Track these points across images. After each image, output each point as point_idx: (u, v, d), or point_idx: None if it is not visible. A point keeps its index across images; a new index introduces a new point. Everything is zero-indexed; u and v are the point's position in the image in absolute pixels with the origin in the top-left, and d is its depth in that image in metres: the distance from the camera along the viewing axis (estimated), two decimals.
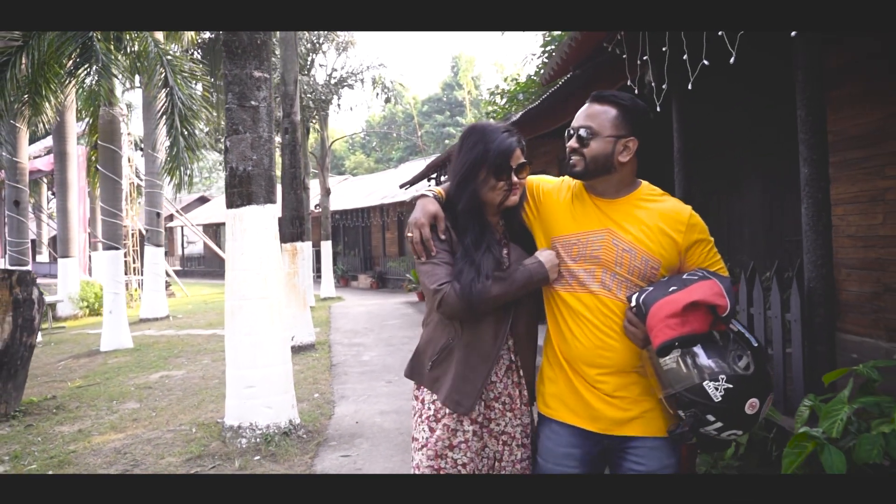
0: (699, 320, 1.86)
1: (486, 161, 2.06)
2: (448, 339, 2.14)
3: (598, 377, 2.04)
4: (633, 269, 2.02)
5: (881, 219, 5.35)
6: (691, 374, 1.84)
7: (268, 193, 5.27)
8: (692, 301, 1.85)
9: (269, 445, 5.04)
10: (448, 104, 47.66)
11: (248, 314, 5.18)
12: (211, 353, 10.11)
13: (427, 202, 2.15)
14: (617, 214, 2.07)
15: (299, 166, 10.56)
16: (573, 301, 2.08)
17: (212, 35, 19.43)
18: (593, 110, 2.07)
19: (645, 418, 2.03)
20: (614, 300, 2.04)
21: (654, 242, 2.03)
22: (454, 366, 2.12)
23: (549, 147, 11.98)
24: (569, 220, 2.12)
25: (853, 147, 5.61)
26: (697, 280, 1.94)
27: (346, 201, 26.73)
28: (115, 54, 10.42)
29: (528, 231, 2.24)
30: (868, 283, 5.55)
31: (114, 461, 5.01)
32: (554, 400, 2.14)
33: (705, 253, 2.10)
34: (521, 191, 2.13)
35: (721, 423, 1.85)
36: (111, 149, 11.41)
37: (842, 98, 5.71)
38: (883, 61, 5.26)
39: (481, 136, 2.10)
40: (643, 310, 1.92)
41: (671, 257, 2.05)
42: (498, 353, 2.13)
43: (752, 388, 1.84)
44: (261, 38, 5.14)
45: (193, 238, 37.05)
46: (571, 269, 2.09)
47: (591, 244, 2.06)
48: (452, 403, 2.10)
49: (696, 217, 2.09)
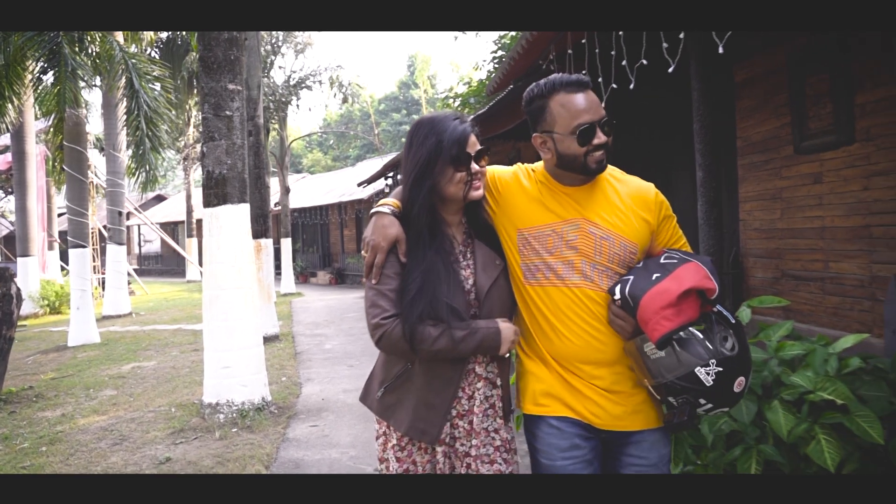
0: (692, 307, 1.83)
1: (441, 153, 1.91)
2: (406, 364, 2.01)
3: (593, 371, 1.97)
4: (613, 257, 1.96)
5: (779, 214, 6.16)
6: (684, 361, 1.81)
7: (241, 194, 5.85)
8: (686, 289, 1.81)
9: (245, 419, 5.63)
10: (405, 103, 48.22)
11: (225, 302, 5.76)
12: (178, 345, 10.55)
13: (386, 223, 1.97)
14: (588, 202, 1.99)
15: (263, 167, 11.10)
16: (555, 296, 1.98)
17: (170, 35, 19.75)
18: (595, 97, 1.96)
19: (640, 411, 1.99)
20: (598, 291, 1.96)
21: (630, 226, 1.97)
22: (415, 392, 1.99)
23: (500, 147, 12.71)
24: (540, 212, 2.01)
25: (757, 151, 6.42)
26: (678, 263, 1.90)
27: (304, 199, 27.16)
28: (80, 57, 10.78)
29: (493, 226, 2.11)
30: (769, 269, 6.37)
31: (102, 437, 5.53)
32: (546, 397, 2.02)
33: (672, 230, 2.08)
34: (483, 181, 2.00)
35: (711, 405, 1.84)
36: (77, 149, 11.76)
37: (747, 108, 6.52)
38: (779, 76, 6.06)
39: (431, 128, 1.95)
40: (630, 302, 1.87)
41: (645, 239, 2.01)
42: (461, 374, 1.99)
43: (738, 367, 1.83)
44: (234, 55, 5.72)
45: (150, 237, 36.93)
46: (548, 263, 1.98)
47: (567, 234, 1.97)
48: (417, 433, 1.97)
49: (660, 193, 2.07)
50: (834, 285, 5.48)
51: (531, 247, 2.00)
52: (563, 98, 1.93)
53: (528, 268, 2.01)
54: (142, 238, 38.49)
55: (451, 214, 2.05)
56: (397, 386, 2.02)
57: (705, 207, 4.38)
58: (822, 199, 5.56)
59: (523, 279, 2.02)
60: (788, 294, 6.09)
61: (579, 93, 1.92)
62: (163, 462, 4.76)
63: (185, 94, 21.75)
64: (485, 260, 2.03)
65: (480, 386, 2.02)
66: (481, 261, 2.03)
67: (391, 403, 2.03)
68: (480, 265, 2.02)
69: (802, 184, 5.78)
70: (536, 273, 2.00)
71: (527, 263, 2.02)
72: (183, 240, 29.89)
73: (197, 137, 25.01)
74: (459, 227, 2.09)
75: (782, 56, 5.92)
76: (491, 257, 2.05)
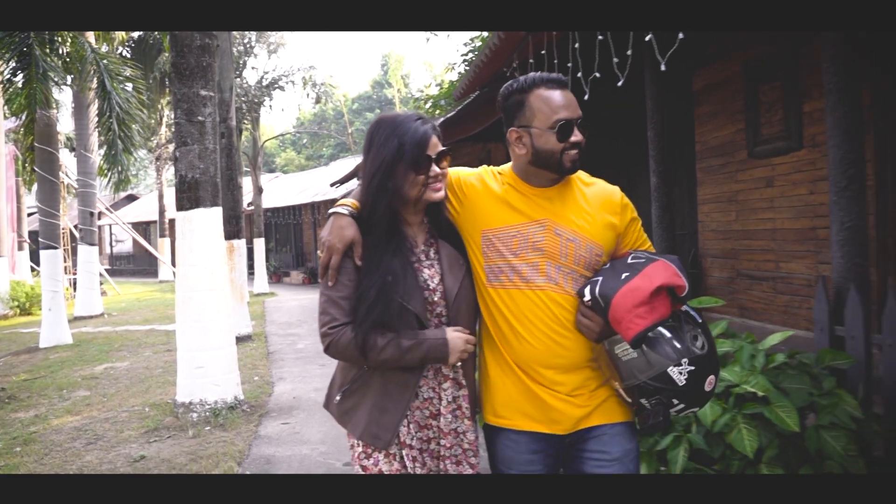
0: (664, 305, 1.82)
1: (402, 156, 1.88)
2: (362, 368, 1.98)
3: (555, 377, 1.95)
4: (579, 259, 1.95)
5: (734, 216, 6.43)
6: (655, 362, 1.80)
7: (213, 197, 5.98)
8: (657, 286, 1.80)
9: (218, 418, 5.76)
10: (378, 102, 48.29)
11: (197, 304, 5.88)
12: (151, 346, 10.61)
13: (343, 224, 1.94)
14: (554, 203, 1.98)
15: (235, 168, 11.20)
16: (518, 299, 1.96)
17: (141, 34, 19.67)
18: (573, 98, 1.96)
19: (603, 407, 1.97)
20: (563, 294, 1.95)
21: (596, 228, 1.97)
22: (370, 396, 1.96)
23: (470, 149, 12.93)
24: (506, 212, 1.99)
25: (714, 156, 6.68)
26: (646, 262, 1.89)
27: (277, 199, 27.14)
28: (50, 58, 10.77)
29: (455, 227, 2.08)
30: (726, 269, 6.64)
31: (76, 437, 5.62)
32: (506, 408, 2.00)
33: (637, 232, 2.08)
34: (445, 183, 1.98)
35: (683, 405, 1.84)
36: (48, 150, 11.74)
37: (705, 114, 6.78)
38: (735, 84, 6.31)
39: (393, 129, 1.91)
40: (601, 303, 1.85)
41: (611, 241, 2.00)
42: (418, 378, 1.95)
43: (708, 365, 1.83)
44: (206, 62, 5.83)
45: (122, 237, 36.61)
46: (513, 264, 1.96)
47: (533, 235, 1.95)
48: (370, 437, 1.94)
49: (626, 197, 2.08)
50: (784, 284, 5.75)
51: (495, 248, 1.97)
52: (544, 93, 1.92)
53: (491, 270, 1.98)
54: (113, 238, 38.14)
55: (411, 215, 2.02)
56: (354, 390, 1.99)
57: (659, 212, 4.60)
58: (774, 202, 5.83)
59: (486, 282, 2.00)
60: (743, 293, 6.36)
61: (558, 90, 1.92)
62: (137, 460, 4.88)
63: (158, 94, 21.67)
64: (450, 260, 2.00)
65: (447, 386, 1.99)
66: (447, 261, 2.00)
67: (348, 408, 2.00)
68: (447, 266, 1.99)
69: (756, 187, 6.04)
70: (500, 275, 1.97)
71: (490, 265, 1.99)
72: (155, 240, 29.73)
73: (169, 137, 24.92)
74: (421, 226, 2.05)
75: (738, 65, 6.17)
76: (455, 257, 2.02)
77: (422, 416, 1.98)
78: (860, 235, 2.89)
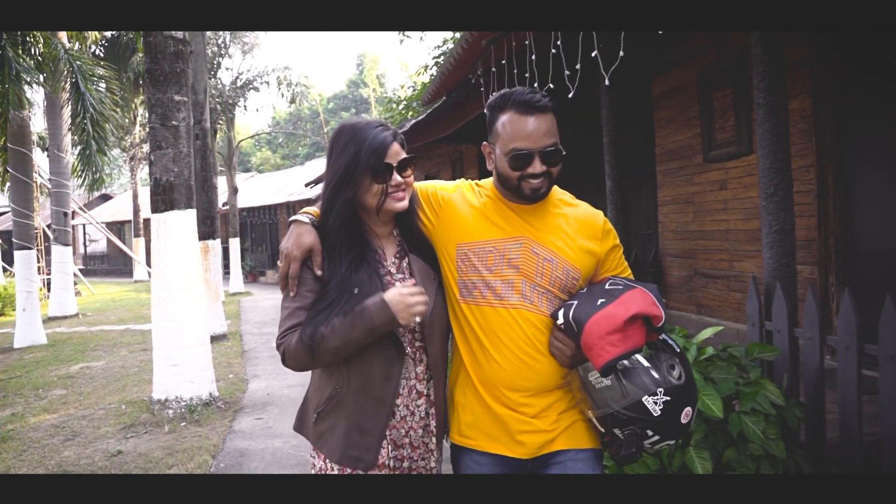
0: (638, 334, 1.77)
1: (359, 163, 1.82)
2: (335, 387, 1.89)
3: (521, 400, 1.89)
4: (555, 281, 1.90)
5: (692, 217, 6.72)
6: (630, 391, 1.75)
7: (188, 200, 6.13)
8: (632, 315, 1.75)
9: (193, 414, 5.93)
10: (353, 101, 48.36)
11: (172, 303, 6.04)
12: (126, 345, 10.69)
13: (303, 231, 1.88)
14: (534, 222, 1.93)
15: (210, 169, 11.32)
16: (490, 317, 1.90)
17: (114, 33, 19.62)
18: (548, 122, 1.86)
19: (570, 432, 1.92)
20: (537, 314, 1.89)
21: (575, 252, 1.92)
22: (345, 417, 1.86)
23: (443, 149, 13.16)
24: (484, 227, 1.93)
25: (672, 159, 6.97)
26: (623, 290, 1.84)
27: (253, 199, 27.18)
28: (23, 59, 10.80)
29: (429, 243, 2.01)
30: (684, 268, 6.92)
31: (54, 434, 5.76)
32: (471, 429, 1.95)
33: (618, 259, 2.03)
34: (409, 192, 1.90)
35: (658, 436, 1.79)
36: (22, 151, 11.77)
37: (664, 119, 7.06)
38: (691, 90, 6.60)
39: (352, 136, 1.86)
40: (574, 327, 1.79)
41: (590, 267, 1.96)
42: (395, 393, 1.88)
43: (685, 396, 1.79)
44: (180, 67, 5.99)
45: (96, 236, 36.34)
46: (487, 280, 1.90)
47: (510, 252, 1.90)
48: (352, 461, 1.85)
49: (609, 223, 2.03)
50: (737, 283, 6.05)
51: (470, 262, 1.91)
52: (511, 117, 1.85)
53: (464, 284, 1.93)
54: (87, 238, 37.85)
55: (379, 226, 1.95)
56: (329, 411, 1.89)
57: (614, 213, 4.86)
58: (727, 204, 6.12)
59: (458, 296, 1.94)
60: (700, 291, 6.65)
61: (529, 116, 1.83)
62: (114, 455, 5.04)
63: (132, 94, 21.60)
64: (422, 274, 1.94)
65: (421, 403, 1.94)
66: (419, 275, 1.93)
67: (324, 431, 1.90)
68: (419, 279, 1.91)
69: (711, 189, 6.33)
70: (473, 291, 1.92)
71: (464, 280, 1.93)
72: (130, 240, 29.59)
73: (144, 137, 24.85)
74: (390, 238, 1.98)
75: (694, 71, 6.46)
76: (427, 272, 1.95)
77: (398, 435, 1.92)
78: (787, 238, 3.15)
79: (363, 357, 1.84)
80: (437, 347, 1.94)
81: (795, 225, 3.27)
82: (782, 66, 3.21)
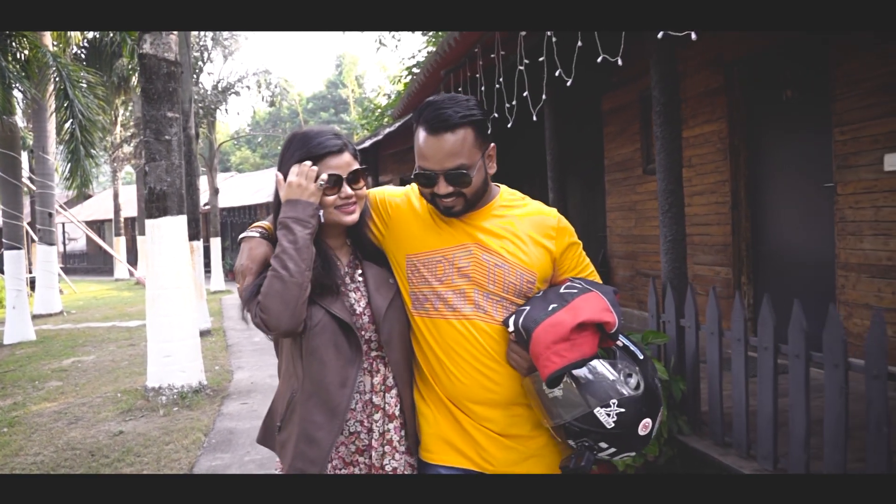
0: (588, 342, 1.67)
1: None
2: (292, 393, 1.82)
3: (485, 413, 1.82)
4: (509, 286, 1.81)
5: (634, 222, 7.48)
6: (580, 401, 1.67)
7: (179, 206, 6.78)
8: (580, 322, 1.66)
9: (185, 400, 6.58)
10: (333, 101, 48.90)
11: (165, 300, 6.69)
12: (114, 341, 11.21)
13: (253, 245, 1.81)
14: (481, 226, 1.84)
15: (195, 174, 11.93)
16: (443, 329, 1.82)
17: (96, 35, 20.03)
18: (453, 142, 1.73)
19: (539, 456, 1.86)
20: (492, 323, 1.80)
21: (527, 254, 1.82)
22: (298, 424, 1.78)
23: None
24: (430, 236, 1.86)
25: (618, 170, 7.73)
26: (578, 293, 1.75)
27: (233, 198, 27.68)
28: (11, 65, 11.27)
29: (381, 250, 1.94)
30: (628, 269, 7.70)
31: (58, 419, 6.36)
32: (436, 442, 1.86)
33: (577, 258, 1.93)
34: (361, 205, 1.83)
35: (615, 449, 1.70)
36: (11, 155, 12.27)
37: (611, 133, 7.83)
38: (634, 108, 7.36)
39: (301, 145, 1.79)
40: (524, 335, 1.70)
41: (546, 268, 1.86)
42: (348, 402, 1.78)
43: (643, 408, 1.69)
44: (172, 87, 6.63)
45: (75, 234, 36.52)
46: (438, 292, 1.82)
47: (459, 260, 1.82)
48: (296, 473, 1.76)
49: (564, 220, 1.93)
50: None
51: (420, 274, 1.84)
52: (419, 134, 1.77)
53: (416, 297, 1.86)
54: (66, 236, 38.00)
55: (331, 238, 1.88)
56: (288, 418, 1.82)
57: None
58: None
59: (412, 308, 1.87)
60: (641, 289, 7.42)
61: (434, 135, 1.72)
62: (116, 435, 5.67)
63: (113, 95, 22.03)
64: (377, 280, 1.87)
65: (378, 418, 1.84)
66: (373, 281, 1.86)
67: (284, 441, 1.83)
68: (373, 286, 1.85)
69: (649, 199, 7.10)
70: (425, 303, 1.84)
71: (415, 292, 1.86)
72: (111, 238, 29.91)
73: (125, 136, 25.25)
74: (343, 249, 1.92)
75: (636, 93, 7.22)
76: (384, 276, 1.89)
77: (347, 453, 1.83)
78: (679, 246, 3.89)
79: (319, 355, 1.76)
80: (399, 355, 1.86)
81: (711, 232, 4.01)
82: (677, 106, 3.96)
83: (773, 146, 5.60)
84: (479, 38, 4.81)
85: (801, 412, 2.86)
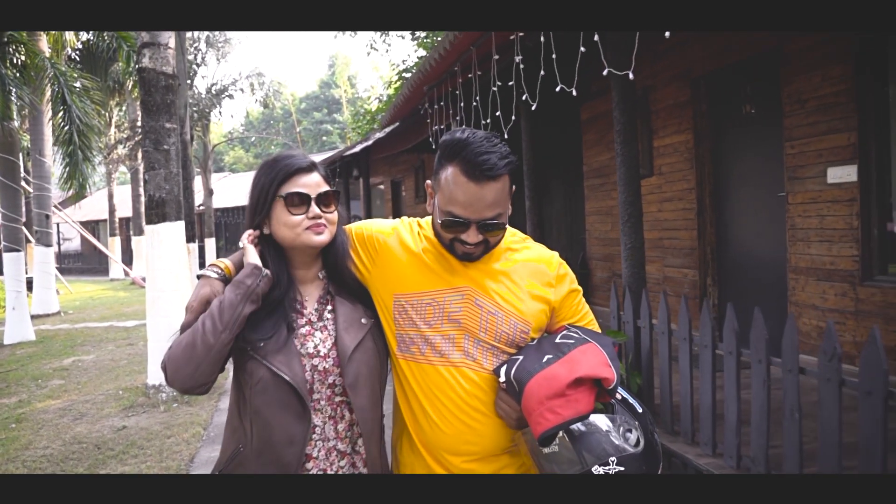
0: (584, 398, 1.56)
1: (271, 190, 1.69)
2: (238, 446, 1.71)
3: (464, 466, 1.72)
4: (501, 335, 1.71)
5: (610, 226, 7.86)
6: (576, 459, 1.57)
7: (177, 213, 7.13)
8: (577, 377, 1.55)
9: (184, 396, 6.93)
10: (325, 101, 49.23)
11: (165, 302, 7.04)
12: (112, 341, 11.50)
13: (201, 284, 1.72)
14: (477, 270, 1.74)
15: (190, 178, 12.27)
16: (430, 375, 1.72)
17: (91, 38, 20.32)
18: (496, 192, 1.62)
19: None
20: (480, 372, 1.71)
21: (523, 302, 1.73)
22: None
23: (407, 158, 14.25)
24: (422, 276, 1.75)
25: (596, 176, 8.11)
26: (575, 344, 1.64)
27: (227, 199, 28.00)
28: (10, 71, 11.56)
29: (364, 287, 1.83)
30: (606, 270, 8.08)
31: (63, 415, 6.71)
32: None
33: (576, 305, 1.83)
34: (331, 229, 1.72)
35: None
36: (10, 160, 12.58)
37: (590, 140, 8.21)
38: (609, 119, 7.72)
39: (272, 164, 1.73)
40: (516, 387, 1.61)
41: (542, 318, 1.76)
42: (300, 459, 1.67)
43: (643, 465, 1.59)
44: (170, 99, 6.97)
45: (69, 235, 36.74)
46: (426, 335, 1.72)
47: (450, 304, 1.72)
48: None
49: (565, 265, 1.83)
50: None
51: (408, 316, 1.74)
52: (455, 176, 1.61)
53: (402, 339, 1.75)
54: (61, 236, 38.19)
55: (301, 269, 1.78)
56: (231, 471, 1.71)
57: (531, 227, 5.96)
58: None
59: (397, 351, 1.77)
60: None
61: (475, 182, 1.59)
62: (120, 429, 6.03)
63: (108, 97, 22.32)
64: (348, 319, 1.75)
65: (344, 464, 1.75)
66: (343, 320, 1.74)
67: None
68: (342, 325, 1.73)
69: None
70: (411, 346, 1.74)
71: (401, 335, 1.75)
72: (105, 238, 30.16)
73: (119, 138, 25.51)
74: (315, 283, 1.81)
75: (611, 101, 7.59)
76: (356, 316, 1.77)
77: None
78: (637, 253, 4.27)
79: (264, 415, 1.65)
80: (366, 401, 1.73)
81: (679, 236, 4.36)
82: (633, 126, 4.34)
83: (734, 157, 5.99)
84: (458, 57, 5.18)
85: (733, 402, 3.24)
